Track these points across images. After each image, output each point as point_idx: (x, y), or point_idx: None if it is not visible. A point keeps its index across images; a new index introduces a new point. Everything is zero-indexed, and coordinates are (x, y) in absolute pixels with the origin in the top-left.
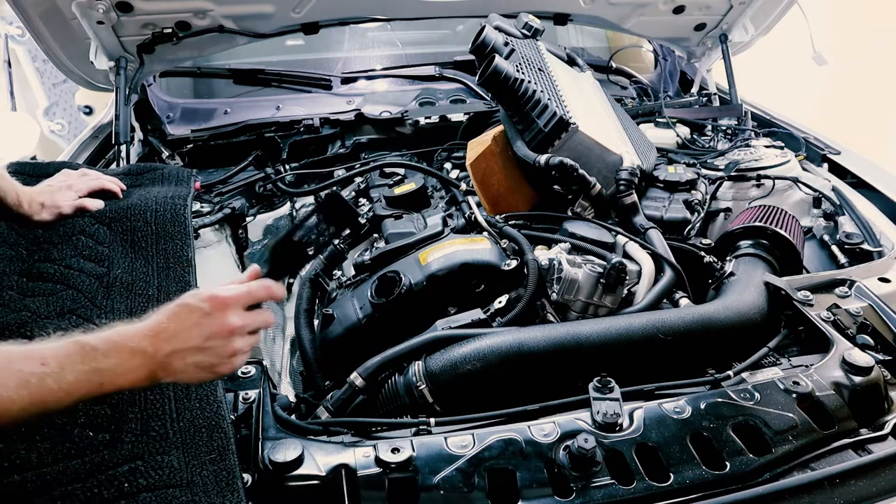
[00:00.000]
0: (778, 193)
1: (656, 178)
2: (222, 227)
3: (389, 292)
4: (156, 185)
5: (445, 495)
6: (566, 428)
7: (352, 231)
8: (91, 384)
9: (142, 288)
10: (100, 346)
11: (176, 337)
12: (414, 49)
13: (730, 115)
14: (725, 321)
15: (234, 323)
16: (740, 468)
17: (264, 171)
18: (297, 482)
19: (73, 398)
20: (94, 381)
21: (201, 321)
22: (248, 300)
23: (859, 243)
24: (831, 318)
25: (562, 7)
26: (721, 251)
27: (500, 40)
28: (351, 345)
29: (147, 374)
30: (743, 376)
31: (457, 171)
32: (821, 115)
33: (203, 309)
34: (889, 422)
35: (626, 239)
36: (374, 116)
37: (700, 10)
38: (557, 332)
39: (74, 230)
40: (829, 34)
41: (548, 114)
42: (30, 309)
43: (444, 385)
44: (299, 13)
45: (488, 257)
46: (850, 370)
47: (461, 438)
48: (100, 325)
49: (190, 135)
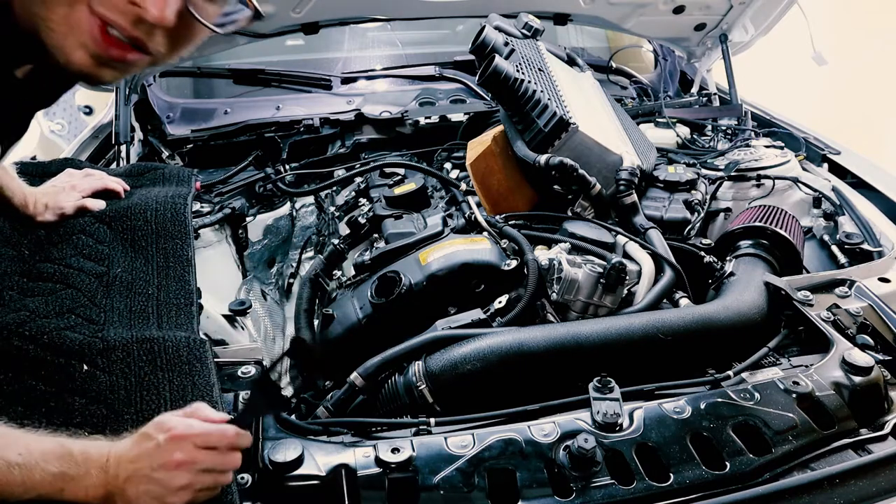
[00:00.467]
0: (778, 193)
1: (656, 178)
2: (222, 227)
3: (389, 292)
4: (156, 185)
5: (445, 495)
6: (566, 428)
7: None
8: (53, 487)
9: (142, 287)
10: (76, 454)
11: (132, 463)
12: (414, 49)
13: (730, 115)
14: (725, 321)
15: (178, 458)
16: (740, 468)
17: (264, 171)
18: (297, 482)
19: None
20: (56, 486)
21: (153, 452)
22: (202, 440)
23: (859, 243)
24: (831, 318)
25: (562, 7)
26: (721, 251)
27: (500, 40)
28: (351, 345)
29: (104, 493)
30: (743, 376)
31: (457, 171)
32: (821, 115)
33: (157, 440)
34: (889, 422)
35: (626, 239)
36: (374, 116)
37: (700, 10)
38: (557, 332)
39: (75, 229)
40: (829, 34)
41: (548, 114)
42: (29, 308)
43: (444, 385)
44: (299, 13)
45: (488, 257)
46: (850, 370)
47: (461, 438)
48: (99, 321)
49: (190, 135)
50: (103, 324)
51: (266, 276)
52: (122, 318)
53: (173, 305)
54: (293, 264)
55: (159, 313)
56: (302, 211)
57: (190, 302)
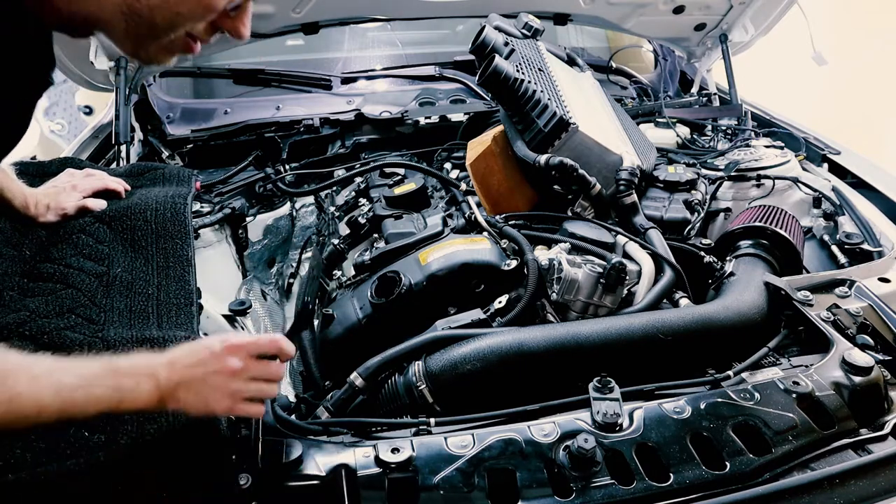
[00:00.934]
0: (778, 193)
1: (656, 178)
2: (222, 227)
3: (389, 292)
4: (156, 185)
5: (445, 495)
6: (566, 428)
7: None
8: (111, 400)
9: (142, 287)
10: (123, 366)
11: (187, 369)
12: (414, 49)
13: (730, 115)
14: (725, 321)
15: (233, 365)
16: (740, 468)
17: (264, 171)
18: (297, 482)
19: (93, 411)
20: (113, 399)
21: (209, 359)
22: (255, 349)
23: (859, 243)
24: (831, 318)
25: (562, 7)
26: (721, 251)
27: (500, 40)
28: (351, 345)
29: (158, 398)
30: (743, 376)
31: (457, 171)
32: (821, 115)
33: (214, 349)
34: (889, 422)
35: (626, 239)
36: (374, 116)
37: (700, 10)
38: (557, 332)
39: (75, 229)
40: (829, 34)
41: (548, 114)
42: (29, 309)
43: (444, 385)
44: (299, 13)
45: (488, 257)
46: (850, 370)
47: (461, 438)
48: (99, 321)
49: (190, 135)
50: (103, 324)
51: (266, 276)
52: (123, 318)
53: (173, 305)
54: (293, 264)
55: (159, 313)
56: (302, 211)
57: (190, 302)
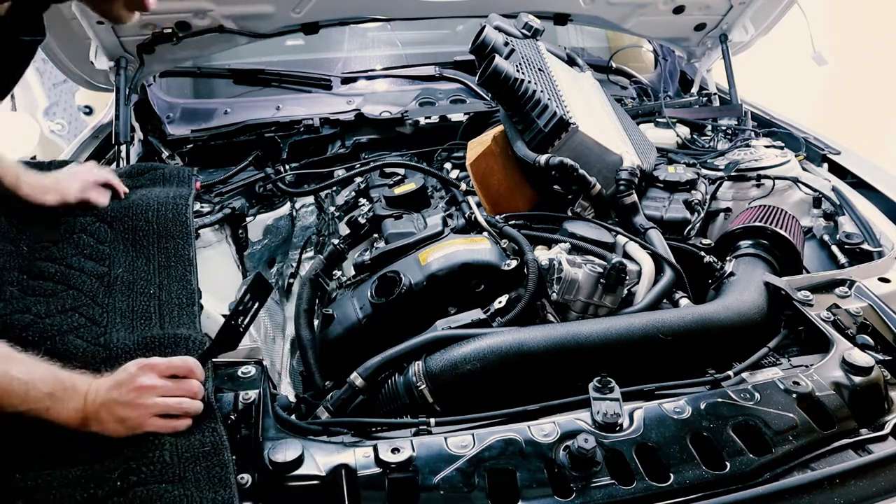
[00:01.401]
0: (778, 193)
1: (656, 178)
2: (222, 227)
3: (389, 292)
4: (157, 185)
5: (445, 495)
6: (566, 428)
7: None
8: (41, 405)
9: (143, 287)
10: (64, 378)
11: (108, 392)
12: (414, 49)
13: (730, 115)
14: (725, 321)
15: (144, 381)
16: (740, 468)
17: (264, 171)
18: (297, 482)
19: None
20: (43, 404)
21: (124, 380)
22: (167, 369)
23: (859, 243)
24: (831, 318)
25: (562, 7)
26: (721, 251)
27: (500, 40)
28: (351, 345)
29: (81, 417)
30: (743, 376)
31: (457, 171)
32: (821, 115)
33: (129, 370)
34: (889, 422)
35: (626, 239)
36: (374, 116)
37: (700, 10)
38: (557, 333)
39: (75, 228)
40: (829, 34)
41: (548, 114)
42: (31, 311)
43: (444, 385)
44: (299, 13)
45: (488, 257)
46: (850, 370)
47: (461, 438)
48: (101, 322)
49: (190, 135)
50: (106, 325)
51: (266, 277)
52: (125, 319)
53: (175, 305)
54: (293, 264)
55: (161, 313)
56: (302, 211)
57: (192, 301)
